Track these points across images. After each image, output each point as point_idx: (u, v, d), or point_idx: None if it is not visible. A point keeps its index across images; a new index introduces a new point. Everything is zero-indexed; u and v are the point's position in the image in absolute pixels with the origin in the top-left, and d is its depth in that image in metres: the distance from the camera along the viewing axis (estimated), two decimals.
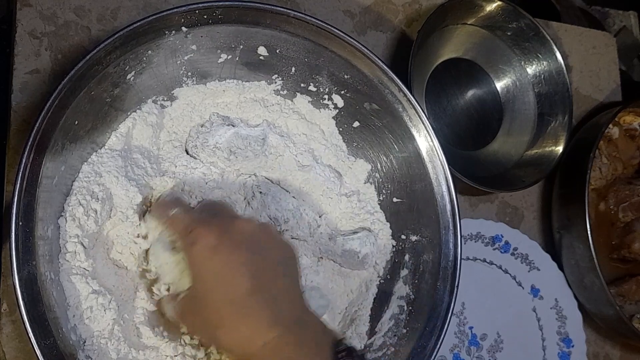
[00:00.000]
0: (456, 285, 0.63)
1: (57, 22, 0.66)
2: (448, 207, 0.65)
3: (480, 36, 0.85)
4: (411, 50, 0.74)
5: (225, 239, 0.49)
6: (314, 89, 0.67)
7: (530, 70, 0.86)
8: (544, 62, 0.85)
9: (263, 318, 0.48)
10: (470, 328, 0.79)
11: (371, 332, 0.65)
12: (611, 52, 0.96)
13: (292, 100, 0.67)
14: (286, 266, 0.53)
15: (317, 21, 0.62)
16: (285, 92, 0.67)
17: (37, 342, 0.48)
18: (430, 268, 0.65)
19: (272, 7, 0.61)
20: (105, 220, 0.57)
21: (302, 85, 0.67)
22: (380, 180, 0.69)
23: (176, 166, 0.62)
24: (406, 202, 0.68)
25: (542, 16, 0.89)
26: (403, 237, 0.68)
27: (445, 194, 0.65)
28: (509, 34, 0.85)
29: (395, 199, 0.68)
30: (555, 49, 0.84)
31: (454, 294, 0.63)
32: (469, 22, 0.84)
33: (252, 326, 0.48)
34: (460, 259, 0.64)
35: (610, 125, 0.86)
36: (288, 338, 0.48)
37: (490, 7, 0.82)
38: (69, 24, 0.66)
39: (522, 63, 0.87)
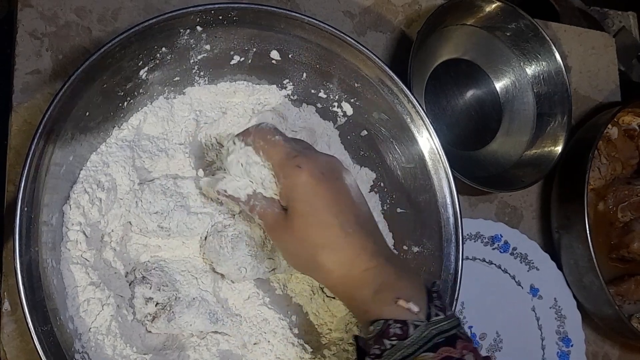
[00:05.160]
0: (456, 298, 0.63)
1: (58, 22, 0.66)
2: (451, 219, 0.65)
3: (479, 37, 0.86)
4: (411, 50, 0.74)
5: (328, 170, 0.51)
6: (324, 96, 0.68)
7: (530, 70, 0.87)
8: (543, 63, 0.85)
9: (368, 244, 0.50)
10: (470, 327, 0.79)
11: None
12: (610, 52, 0.97)
13: (298, 109, 0.68)
14: (367, 205, 0.55)
15: (330, 28, 0.62)
16: (295, 97, 0.68)
17: (34, 328, 0.49)
18: (431, 280, 0.65)
19: (287, 11, 0.61)
20: (109, 209, 0.58)
21: (312, 91, 0.67)
22: (385, 189, 0.69)
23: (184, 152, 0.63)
24: (410, 212, 0.68)
25: (541, 17, 0.89)
26: (405, 247, 0.68)
27: (449, 206, 0.65)
28: (508, 34, 0.85)
29: (399, 209, 0.69)
30: (555, 50, 0.84)
31: (454, 307, 0.63)
32: (468, 23, 0.85)
33: (358, 250, 0.50)
34: (462, 272, 0.64)
35: (610, 126, 0.87)
36: (388, 268, 0.50)
37: (490, 8, 0.82)
38: (70, 24, 0.67)
39: (522, 63, 0.87)
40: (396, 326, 0.46)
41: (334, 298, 0.65)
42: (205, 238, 0.61)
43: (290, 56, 0.64)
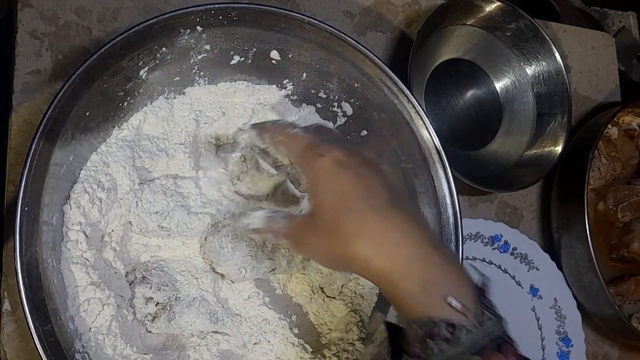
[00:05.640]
0: None
1: (58, 22, 0.66)
2: (451, 219, 0.65)
3: (479, 37, 0.86)
4: (411, 50, 0.74)
5: (352, 156, 0.48)
6: (324, 96, 0.68)
7: (530, 70, 0.87)
8: (543, 63, 0.85)
9: (410, 228, 0.45)
10: None
11: (368, 341, 0.65)
12: (610, 52, 0.97)
13: (298, 109, 0.68)
14: (408, 192, 0.51)
15: (330, 28, 0.62)
16: (295, 97, 0.68)
17: (34, 327, 0.48)
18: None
19: (287, 11, 0.61)
20: (109, 209, 0.58)
21: (312, 91, 0.67)
22: None
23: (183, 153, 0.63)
24: None
25: (541, 17, 0.89)
26: None
27: (449, 206, 0.65)
28: (508, 34, 0.85)
29: None
30: (555, 50, 0.84)
31: None
32: (468, 23, 0.85)
33: (398, 234, 0.45)
34: None
35: (610, 126, 0.87)
36: (435, 258, 0.45)
37: (490, 8, 0.82)
38: (70, 24, 0.67)
39: (522, 63, 0.87)
40: (445, 329, 0.42)
41: (334, 298, 0.65)
42: (206, 238, 0.61)
43: (290, 56, 0.64)
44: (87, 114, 0.56)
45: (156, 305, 0.58)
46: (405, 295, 0.44)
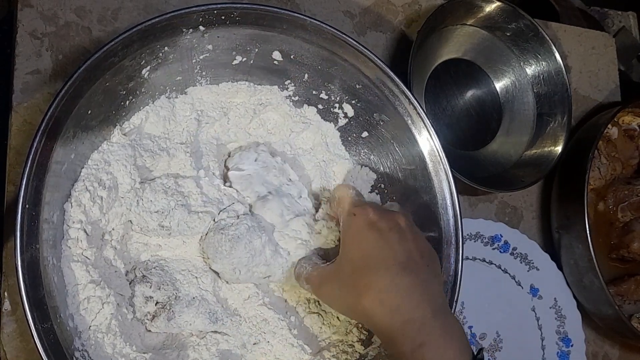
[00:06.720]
0: (455, 299, 0.62)
1: (58, 22, 0.66)
2: (451, 221, 0.65)
3: (479, 37, 0.86)
4: (411, 50, 0.74)
5: (383, 220, 0.54)
6: (326, 97, 0.68)
7: (530, 70, 0.87)
8: (543, 63, 0.85)
9: (415, 292, 0.50)
10: (470, 327, 0.79)
11: (367, 342, 0.64)
12: (610, 52, 0.97)
13: (300, 110, 0.68)
14: (431, 262, 0.54)
15: (331, 29, 0.62)
16: (297, 98, 0.68)
17: (34, 325, 0.48)
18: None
19: (289, 12, 0.61)
20: (110, 208, 0.58)
21: (314, 92, 0.67)
22: (385, 190, 0.69)
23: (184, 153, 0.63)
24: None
25: (541, 17, 0.90)
26: None
27: (449, 207, 0.65)
28: (508, 34, 0.85)
29: None
30: (555, 50, 0.84)
31: (454, 308, 0.62)
32: (468, 23, 0.85)
33: (403, 295, 0.49)
34: (461, 274, 0.63)
35: (610, 126, 0.87)
36: (433, 323, 0.49)
37: (490, 8, 0.82)
38: (70, 24, 0.67)
39: (522, 63, 0.87)
40: None
41: (331, 313, 0.65)
42: (207, 234, 0.61)
43: (292, 57, 0.64)
44: (89, 112, 0.56)
45: (156, 304, 0.58)
46: (399, 353, 0.49)
